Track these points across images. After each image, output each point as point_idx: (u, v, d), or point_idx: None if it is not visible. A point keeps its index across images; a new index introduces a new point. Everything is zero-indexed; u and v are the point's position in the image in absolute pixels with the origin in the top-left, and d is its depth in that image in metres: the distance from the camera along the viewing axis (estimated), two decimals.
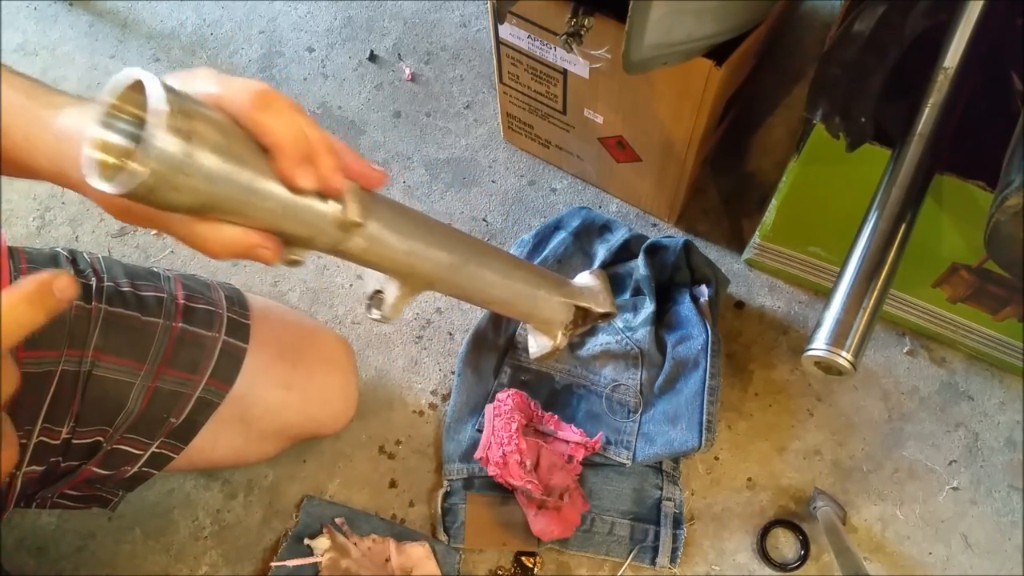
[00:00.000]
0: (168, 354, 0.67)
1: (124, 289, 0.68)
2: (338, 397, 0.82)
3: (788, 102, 1.05)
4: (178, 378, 0.68)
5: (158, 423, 0.68)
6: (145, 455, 0.69)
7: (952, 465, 0.88)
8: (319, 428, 0.84)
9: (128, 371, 0.66)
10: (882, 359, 0.93)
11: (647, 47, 0.66)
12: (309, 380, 0.78)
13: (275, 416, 0.77)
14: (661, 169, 0.91)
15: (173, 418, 0.68)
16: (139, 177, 0.33)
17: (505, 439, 0.81)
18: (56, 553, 0.84)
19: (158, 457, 0.70)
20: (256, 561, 0.85)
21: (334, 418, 0.83)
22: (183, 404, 0.68)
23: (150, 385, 0.67)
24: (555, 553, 0.84)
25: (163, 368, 0.67)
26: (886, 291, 0.61)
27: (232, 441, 0.76)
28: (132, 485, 0.73)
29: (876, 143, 0.68)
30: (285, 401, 0.76)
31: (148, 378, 0.66)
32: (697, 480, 0.88)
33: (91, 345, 0.64)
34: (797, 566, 0.84)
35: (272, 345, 0.75)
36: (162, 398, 0.67)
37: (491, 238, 1.00)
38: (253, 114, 0.38)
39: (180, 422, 0.69)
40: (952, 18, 0.64)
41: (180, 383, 0.68)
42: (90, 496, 0.72)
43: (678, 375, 0.86)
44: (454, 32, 1.13)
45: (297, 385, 0.77)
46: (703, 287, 0.89)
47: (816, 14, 1.12)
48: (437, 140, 1.07)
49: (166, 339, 0.67)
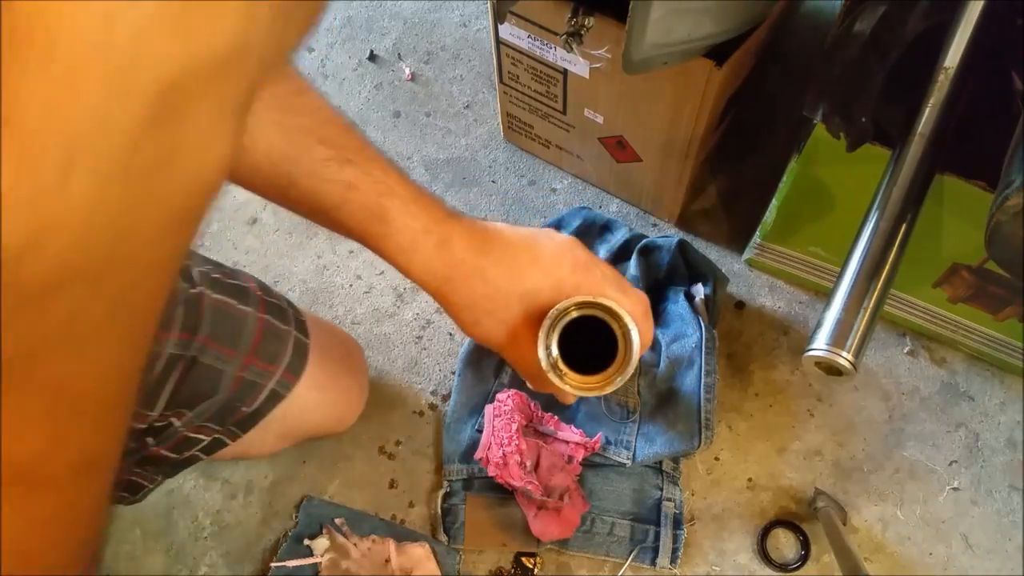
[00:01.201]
0: (255, 344, 0.68)
1: (216, 276, 0.67)
2: (356, 397, 0.84)
3: (788, 102, 1.05)
4: (261, 369, 0.68)
5: (232, 411, 0.69)
6: (208, 439, 0.69)
7: (953, 465, 0.88)
8: (333, 428, 0.85)
9: (226, 359, 0.66)
10: (882, 359, 0.93)
11: (647, 47, 0.66)
12: (337, 381, 0.79)
13: (306, 416, 0.78)
14: (661, 169, 0.91)
15: (245, 407, 0.69)
16: None
17: (505, 439, 0.81)
18: None
19: (216, 443, 0.71)
20: (256, 562, 0.85)
21: (350, 417, 0.85)
22: (257, 394, 0.69)
23: (238, 375, 0.67)
24: (555, 554, 0.84)
25: (250, 358, 0.67)
26: (887, 291, 0.61)
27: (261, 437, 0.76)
28: (174, 471, 0.73)
29: (876, 143, 0.68)
30: (319, 402, 0.77)
31: (237, 367, 0.67)
32: (697, 480, 0.88)
33: (202, 331, 0.64)
34: (797, 566, 0.84)
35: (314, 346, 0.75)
36: (244, 388, 0.68)
37: None
38: (641, 323, 0.53)
39: (250, 411, 0.69)
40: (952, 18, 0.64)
41: (260, 374, 0.69)
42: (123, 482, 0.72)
43: (674, 374, 0.86)
44: (454, 32, 1.13)
45: (328, 386, 0.78)
46: (699, 286, 0.89)
47: (816, 14, 1.11)
48: (437, 140, 1.07)
49: (255, 329, 0.68)
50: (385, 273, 0.98)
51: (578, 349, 0.53)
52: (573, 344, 0.53)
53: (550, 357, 0.52)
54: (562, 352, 0.53)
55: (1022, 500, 0.86)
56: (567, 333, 0.53)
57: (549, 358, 0.52)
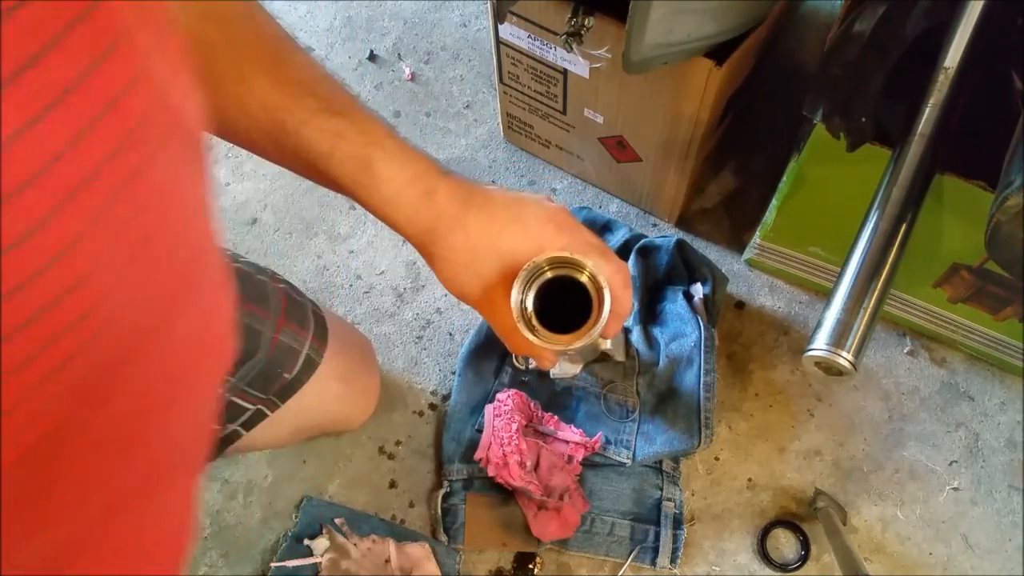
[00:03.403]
0: (284, 307, 0.68)
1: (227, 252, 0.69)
2: (371, 391, 0.85)
3: (788, 102, 1.05)
4: (294, 333, 0.69)
5: (274, 378, 0.69)
6: (252, 410, 0.70)
7: (953, 465, 0.88)
8: (347, 423, 0.86)
9: (259, 319, 0.67)
10: (882, 359, 0.93)
11: (647, 47, 0.66)
12: (356, 376, 0.80)
13: (326, 407, 0.78)
14: (661, 169, 0.91)
15: (287, 373, 0.70)
16: None
17: (505, 439, 0.81)
18: None
19: (257, 415, 0.71)
20: (255, 561, 0.84)
21: (364, 413, 0.86)
22: (294, 359, 0.70)
23: (274, 336, 0.67)
24: (555, 554, 0.84)
25: (283, 321, 0.68)
26: (887, 291, 0.61)
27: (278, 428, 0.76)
28: (216, 452, 0.73)
29: (876, 143, 0.68)
30: (338, 394, 0.78)
31: (272, 328, 0.67)
32: (697, 480, 0.88)
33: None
34: (797, 566, 0.84)
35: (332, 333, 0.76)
36: (282, 351, 0.69)
37: None
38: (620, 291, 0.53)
39: (290, 379, 0.70)
40: (952, 18, 0.64)
41: (295, 338, 0.69)
42: None
43: (673, 373, 0.86)
44: (454, 32, 1.13)
45: (349, 379, 0.78)
46: (697, 285, 0.89)
47: (816, 14, 1.11)
48: (437, 140, 1.07)
49: (278, 295, 0.69)
50: (385, 273, 0.98)
51: (557, 310, 0.53)
52: (553, 304, 0.53)
53: (525, 311, 0.52)
54: (538, 310, 0.53)
55: (1022, 500, 0.86)
56: (546, 293, 0.53)
57: (523, 312, 0.52)
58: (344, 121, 0.49)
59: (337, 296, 0.98)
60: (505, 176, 1.04)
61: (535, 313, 0.53)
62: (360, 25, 1.14)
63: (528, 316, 0.52)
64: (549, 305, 0.53)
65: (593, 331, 0.52)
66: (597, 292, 0.52)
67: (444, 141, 1.06)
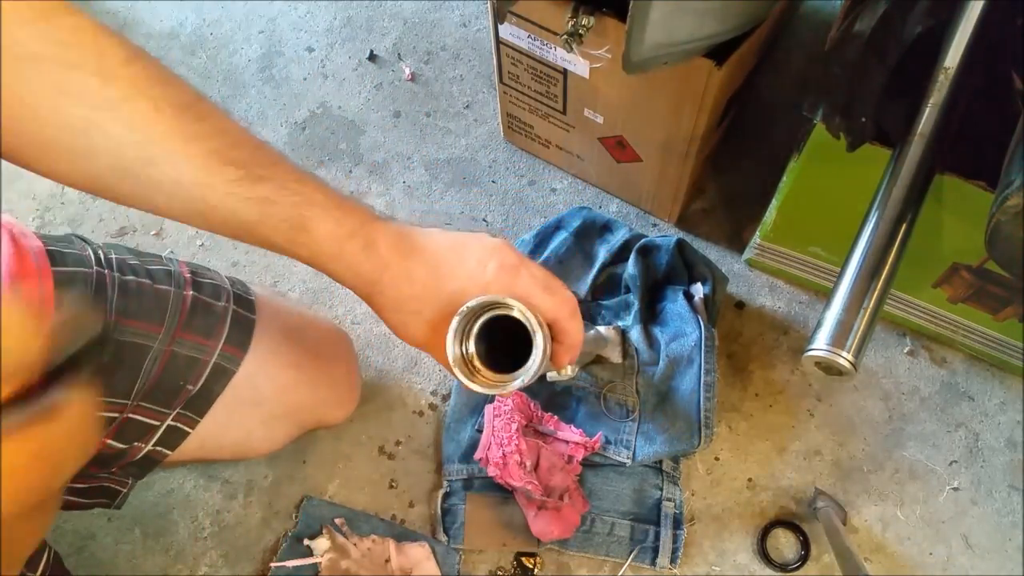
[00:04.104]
0: (183, 319, 0.67)
1: (132, 263, 0.68)
2: (343, 381, 0.83)
3: (788, 102, 1.05)
4: (195, 343, 0.68)
5: (175, 391, 0.68)
6: (161, 427, 0.69)
7: (953, 465, 0.88)
8: (327, 413, 0.84)
9: (146, 335, 0.66)
10: (882, 359, 0.93)
11: (647, 47, 0.66)
12: (316, 361, 0.79)
13: (286, 396, 0.77)
14: (661, 169, 0.91)
15: (190, 385, 0.68)
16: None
17: (505, 439, 0.81)
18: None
19: (173, 432, 0.70)
20: (256, 562, 0.85)
21: (340, 403, 0.84)
22: (200, 371, 0.69)
23: (166, 348, 0.66)
24: (555, 554, 0.84)
25: (179, 332, 0.67)
26: (887, 291, 0.61)
27: (243, 423, 0.76)
28: (142, 471, 0.72)
29: (876, 143, 0.68)
30: (296, 380, 0.77)
31: (165, 342, 0.66)
32: (697, 480, 0.88)
33: (112, 310, 0.64)
34: (797, 567, 0.84)
35: (279, 326, 0.75)
36: (179, 363, 0.67)
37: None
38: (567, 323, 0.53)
39: (197, 390, 0.69)
40: (952, 18, 0.64)
41: (196, 348, 0.68)
42: (97, 488, 0.72)
43: (673, 373, 0.86)
44: (454, 32, 1.13)
45: (306, 366, 0.77)
46: (697, 285, 0.89)
47: (816, 14, 1.11)
48: (437, 140, 1.07)
49: (179, 305, 0.68)
50: None
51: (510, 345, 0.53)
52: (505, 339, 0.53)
53: (464, 356, 0.52)
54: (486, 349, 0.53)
55: (1022, 500, 0.86)
56: (495, 330, 0.53)
57: (463, 358, 0.52)
58: (268, 185, 0.48)
59: (337, 296, 0.98)
60: (505, 176, 1.04)
61: (479, 354, 0.53)
62: (360, 25, 1.14)
63: (469, 358, 0.52)
64: (502, 340, 0.53)
65: (528, 371, 0.51)
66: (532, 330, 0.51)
67: (444, 141, 1.06)
